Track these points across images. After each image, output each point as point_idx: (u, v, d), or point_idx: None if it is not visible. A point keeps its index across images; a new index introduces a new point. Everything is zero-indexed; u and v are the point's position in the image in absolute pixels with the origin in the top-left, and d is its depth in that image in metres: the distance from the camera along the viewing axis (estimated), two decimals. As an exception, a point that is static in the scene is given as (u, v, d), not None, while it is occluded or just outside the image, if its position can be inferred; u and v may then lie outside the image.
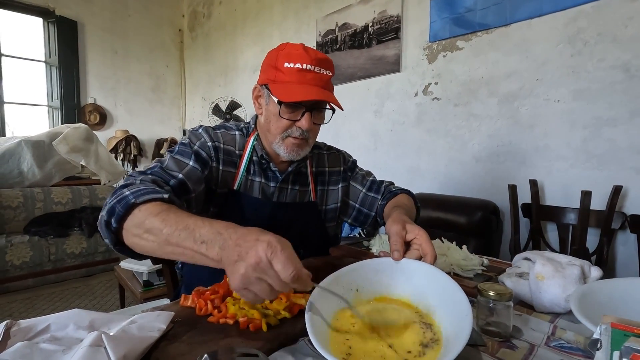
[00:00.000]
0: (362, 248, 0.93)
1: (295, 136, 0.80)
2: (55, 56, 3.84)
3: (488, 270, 0.76)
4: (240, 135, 0.88)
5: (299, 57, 0.75)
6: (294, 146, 0.81)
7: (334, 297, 0.49)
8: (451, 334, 0.40)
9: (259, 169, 0.87)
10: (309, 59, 0.75)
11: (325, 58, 0.79)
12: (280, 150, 0.82)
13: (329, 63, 0.79)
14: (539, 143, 1.86)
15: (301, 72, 0.75)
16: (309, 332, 0.40)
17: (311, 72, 0.76)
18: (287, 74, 0.76)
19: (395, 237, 0.58)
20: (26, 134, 3.06)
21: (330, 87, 0.81)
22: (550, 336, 0.51)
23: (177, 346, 0.45)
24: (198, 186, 0.76)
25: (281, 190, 0.90)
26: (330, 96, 0.77)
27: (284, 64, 0.76)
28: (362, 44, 2.62)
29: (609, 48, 1.63)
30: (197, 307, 0.55)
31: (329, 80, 0.79)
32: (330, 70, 0.79)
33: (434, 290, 0.48)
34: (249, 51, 3.75)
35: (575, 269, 0.57)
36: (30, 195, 2.82)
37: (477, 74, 2.07)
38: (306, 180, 0.94)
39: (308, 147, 0.84)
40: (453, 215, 2.05)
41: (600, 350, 0.28)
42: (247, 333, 0.49)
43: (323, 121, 0.84)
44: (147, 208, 0.56)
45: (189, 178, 0.74)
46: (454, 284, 0.45)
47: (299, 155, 0.83)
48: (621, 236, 1.65)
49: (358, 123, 2.74)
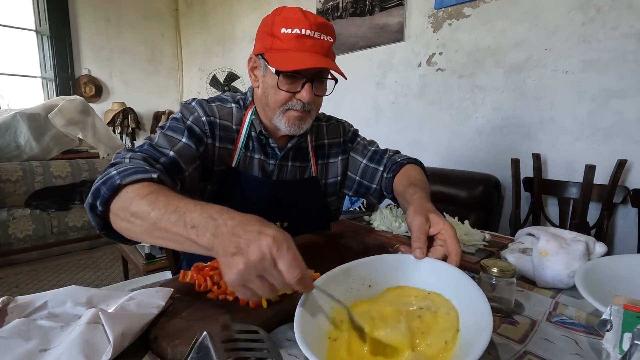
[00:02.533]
0: (363, 223, 0.92)
1: (297, 109, 0.74)
2: (46, 25, 3.70)
3: (490, 245, 0.75)
4: (237, 108, 0.83)
5: (297, 22, 0.69)
6: (296, 119, 0.75)
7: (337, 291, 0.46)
8: (467, 343, 0.38)
9: (258, 145, 0.82)
10: (308, 24, 0.69)
11: (326, 23, 0.73)
12: (281, 124, 0.77)
13: (329, 28, 0.73)
14: (544, 116, 1.82)
15: (300, 38, 0.69)
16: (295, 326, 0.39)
17: (311, 38, 0.69)
18: (284, 41, 0.70)
19: (418, 232, 0.52)
20: (21, 106, 3.00)
21: (331, 54, 0.75)
22: (552, 312, 0.51)
23: (176, 322, 0.45)
24: (191, 164, 0.72)
25: (281, 168, 0.86)
26: (333, 64, 0.71)
27: (280, 30, 0.70)
28: (365, 11, 2.51)
29: (623, 15, 1.56)
30: (197, 283, 0.55)
31: (330, 47, 0.73)
32: (331, 36, 0.73)
33: (456, 295, 0.45)
34: (246, 19, 3.61)
35: (579, 245, 0.56)
36: (30, 169, 2.81)
37: (483, 43, 1.99)
38: (307, 155, 0.90)
39: (311, 119, 0.79)
40: (454, 189, 2.04)
41: (610, 332, 0.27)
42: (247, 309, 0.49)
43: (325, 92, 0.78)
44: (134, 189, 0.52)
45: (181, 156, 0.70)
46: (479, 293, 0.41)
47: (301, 129, 0.78)
48: (622, 210, 1.65)
49: (359, 95, 2.68)
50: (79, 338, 0.38)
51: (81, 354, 0.36)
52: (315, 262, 0.65)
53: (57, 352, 0.38)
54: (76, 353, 0.36)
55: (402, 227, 0.82)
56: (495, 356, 0.41)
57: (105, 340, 0.39)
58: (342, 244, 0.75)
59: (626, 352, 0.24)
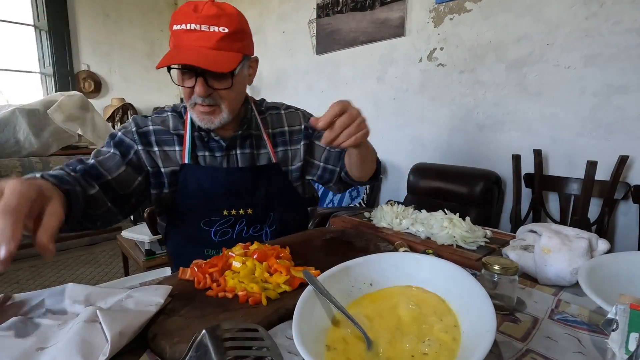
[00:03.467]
0: (363, 219, 0.92)
1: (200, 103, 0.76)
2: (44, 20, 3.67)
3: (491, 242, 0.75)
4: (173, 115, 0.88)
5: (185, 17, 0.70)
6: (203, 114, 0.78)
7: (337, 290, 0.46)
8: (469, 344, 0.37)
9: (201, 143, 0.86)
10: (196, 18, 0.69)
11: (220, 13, 0.71)
12: (195, 119, 0.80)
13: (224, 18, 0.71)
14: (545, 111, 1.81)
15: (186, 33, 0.70)
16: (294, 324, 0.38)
17: (197, 32, 0.70)
18: (174, 37, 0.72)
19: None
20: (20, 102, 2.99)
21: (225, 45, 0.72)
22: (554, 309, 0.50)
23: (175, 320, 0.44)
24: (116, 169, 0.78)
25: (229, 157, 0.88)
26: (203, 58, 0.69)
27: (173, 27, 0.72)
28: (365, 6, 2.48)
29: (626, 9, 1.54)
30: (196, 281, 0.54)
31: (223, 38, 0.71)
32: (227, 26, 0.71)
33: (459, 295, 0.44)
34: (246, 13, 3.51)
35: (582, 242, 0.56)
36: (29, 165, 2.80)
37: (485, 38, 1.97)
38: (260, 142, 0.90)
39: (225, 113, 0.79)
40: (454, 185, 2.03)
41: (616, 331, 0.26)
42: (246, 307, 0.48)
43: (229, 85, 0.76)
44: None
45: (102, 163, 0.77)
46: (482, 293, 0.40)
47: (212, 123, 0.79)
48: (623, 206, 1.65)
49: (360, 90, 2.66)
50: (76, 337, 0.38)
51: (78, 352, 0.36)
52: (316, 260, 0.65)
53: (54, 350, 0.37)
54: (73, 352, 0.36)
55: (403, 223, 0.82)
56: (497, 354, 0.40)
57: (102, 338, 0.38)
58: (342, 241, 0.75)
59: (633, 352, 0.24)
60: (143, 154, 0.82)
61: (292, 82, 3.20)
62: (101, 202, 0.73)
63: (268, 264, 0.55)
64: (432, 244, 0.73)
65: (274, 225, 0.88)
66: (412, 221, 0.81)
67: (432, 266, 0.50)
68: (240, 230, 0.85)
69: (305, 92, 3.09)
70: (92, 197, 0.71)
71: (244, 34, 0.77)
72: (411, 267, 0.51)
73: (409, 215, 0.85)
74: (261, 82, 3.47)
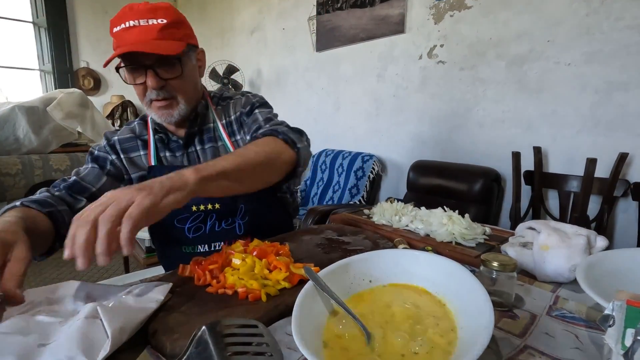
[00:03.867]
0: (362, 217, 0.92)
1: (156, 98, 0.77)
2: (43, 16, 3.66)
3: (490, 239, 0.75)
4: (139, 122, 0.91)
5: (122, 17, 0.72)
6: (160, 109, 0.79)
7: (337, 286, 0.46)
8: (467, 341, 0.37)
9: (162, 144, 0.88)
10: (132, 15, 0.72)
11: (155, 7, 0.73)
12: (155, 116, 0.82)
13: (160, 10, 0.73)
14: (545, 109, 1.80)
15: (126, 31, 0.72)
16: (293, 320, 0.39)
17: (136, 27, 0.72)
18: (116, 39, 0.74)
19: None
20: (20, 99, 2.99)
21: (166, 34, 0.74)
22: (552, 306, 0.50)
23: (175, 317, 0.45)
24: (97, 181, 0.83)
25: (189, 155, 0.89)
26: (146, 45, 0.71)
27: (113, 30, 0.74)
28: (365, 3, 2.48)
29: (627, 6, 1.54)
30: (196, 277, 0.55)
31: (163, 28, 0.73)
32: (165, 17, 0.73)
33: (457, 292, 0.44)
34: (245, 11, 3.57)
35: (581, 239, 0.56)
36: (29, 162, 2.80)
37: (485, 35, 1.97)
38: (217, 134, 0.90)
39: (183, 105, 0.81)
40: (454, 183, 2.04)
41: (612, 327, 0.27)
42: (246, 303, 0.48)
43: (179, 73, 0.77)
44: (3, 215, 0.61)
45: (84, 178, 0.81)
46: (481, 289, 0.40)
47: (172, 117, 0.80)
48: (622, 203, 1.65)
49: (359, 88, 2.66)
50: (76, 333, 0.38)
51: (79, 348, 0.36)
52: (315, 257, 0.65)
53: (55, 346, 0.38)
54: (74, 347, 0.36)
55: (403, 220, 0.82)
56: (495, 350, 0.41)
57: (103, 334, 0.39)
58: (341, 238, 0.75)
59: (629, 348, 0.24)
60: (118, 163, 0.87)
61: (292, 80, 3.19)
62: None
63: (267, 260, 0.56)
64: (431, 241, 0.73)
65: (246, 217, 0.86)
66: (411, 218, 0.81)
67: (430, 263, 0.50)
68: (213, 225, 0.85)
69: (305, 89, 3.09)
70: (81, 209, 0.73)
71: (182, 25, 0.79)
72: (410, 264, 0.51)
73: (409, 213, 0.85)
74: (261, 80, 3.47)
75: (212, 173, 0.55)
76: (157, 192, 0.47)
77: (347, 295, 0.48)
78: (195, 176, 0.52)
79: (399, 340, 0.39)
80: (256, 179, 0.66)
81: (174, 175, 0.52)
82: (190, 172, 0.53)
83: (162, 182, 0.49)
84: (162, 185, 0.49)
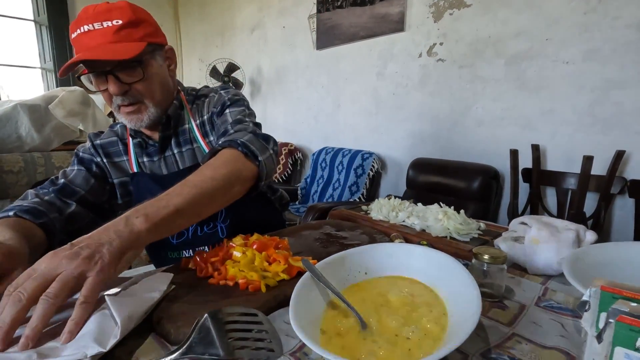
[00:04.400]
0: (360, 213, 0.94)
1: (122, 103, 0.75)
2: (44, 15, 3.67)
3: (484, 234, 0.77)
4: (122, 126, 0.90)
5: (79, 22, 0.70)
6: (129, 114, 0.76)
7: (334, 277, 0.48)
8: (456, 326, 0.39)
9: (139, 149, 0.87)
10: (86, 18, 0.69)
11: (109, 7, 0.70)
12: (125, 121, 0.79)
13: (115, 11, 0.70)
14: (544, 107, 1.82)
15: (83, 35, 0.69)
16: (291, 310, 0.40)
17: (92, 32, 0.69)
18: (75, 45, 0.71)
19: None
20: (21, 97, 3.01)
21: (123, 36, 0.70)
22: (541, 297, 0.52)
23: (179, 306, 0.47)
24: (87, 184, 0.82)
25: (167, 159, 0.86)
26: (100, 50, 0.68)
27: (72, 36, 0.71)
28: (365, 1, 2.49)
29: (625, 5, 1.55)
30: (198, 269, 0.57)
31: (118, 30, 0.70)
32: (120, 18, 0.70)
33: (448, 282, 0.46)
34: (246, 9, 3.57)
35: (570, 233, 0.58)
36: (31, 160, 2.83)
37: (484, 33, 1.98)
38: (194, 136, 0.87)
39: (152, 108, 0.77)
40: (453, 180, 2.05)
41: (588, 312, 0.29)
42: (246, 294, 0.50)
43: (141, 77, 0.73)
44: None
45: (72, 181, 0.81)
46: (470, 280, 0.42)
47: (141, 122, 0.78)
48: (619, 201, 1.66)
49: (359, 86, 2.67)
50: (88, 325, 0.40)
51: (91, 339, 0.38)
52: (313, 251, 0.67)
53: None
54: (87, 339, 0.38)
55: (400, 216, 0.84)
56: (483, 337, 0.42)
57: (112, 323, 0.40)
58: (339, 233, 0.77)
59: (601, 329, 0.26)
60: (102, 165, 0.86)
61: (292, 77, 3.21)
62: (82, 215, 0.79)
63: (267, 253, 0.58)
64: (427, 236, 0.75)
65: (227, 220, 0.84)
66: (408, 214, 0.83)
67: (424, 256, 0.52)
68: (195, 230, 0.84)
69: (306, 87, 3.10)
70: (71, 214, 0.76)
71: (142, 23, 0.75)
72: (404, 257, 0.53)
73: (405, 209, 0.87)
74: (261, 78, 3.48)
75: (164, 216, 0.51)
76: (109, 261, 0.43)
77: (343, 286, 0.50)
78: (146, 225, 0.48)
79: (393, 323, 0.41)
80: (214, 206, 0.62)
81: (122, 228, 0.47)
82: (140, 221, 0.48)
83: (111, 241, 0.45)
84: (112, 247, 0.44)
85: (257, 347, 0.40)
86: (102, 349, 0.37)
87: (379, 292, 0.49)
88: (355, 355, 0.38)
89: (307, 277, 0.47)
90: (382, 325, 0.42)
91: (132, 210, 0.51)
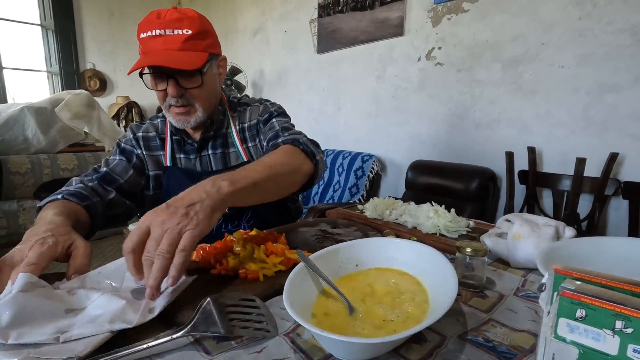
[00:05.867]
0: (356, 211, 0.98)
1: (175, 105, 0.81)
2: (50, 19, 3.75)
3: (473, 231, 0.80)
4: (162, 120, 0.95)
5: (150, 24, 0.75)
6: (178, 115, 0.83)
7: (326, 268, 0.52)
8: (436, 308, 0.43)
9: (177, 146, 0.92)
10: (159, 24, 0.74)
11: (181, 17, 0.76)
12: (172, 120, 0.85)
13: (186, 21, 0.75)
14: (539, 110, 1.85)
15: (152, 39, 0.75)
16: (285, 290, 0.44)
17: (162, 37, 0.74)
18: (142, 45, 0.77)
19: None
20: (27, 100, 3.07)
21: (190, 45, 0.76)
22: (520, 287, 0.56)
23: (183, 293, 0.51)
24: (126, 173, 0.88)
25: (202, 159, 0.92)
26: (169, 57, 0.74)
27: (140, 35, 0.77)
28: (365, 6, 2.53)
29: (618, 9, 1.58)
30: (201, 261, 0.61)
31: (187, 39, 0.75)
32: (190, 28, 0.75)
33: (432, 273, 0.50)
34: (248, 13, 3.64)
35: (550, 229, 0.61)
36: (37, 162, 2.89)
37: (481, 37, 2.02)
38: (229, 140, 0.93)
39: (200, 112, 0.84)
40: (450, 182, 2.09)
41: (544, 292, 0.32)
42: (245, 283, 0.54)
43: (199, 84, 0.80)
44: (45, 208, 0.68)
45: (113, 170, 0.87)
46: (451, 270, 0.46)
47: (188, 123, 0.84)
48: (614, 202, 1.69)
49: (359, 89, 2.72)
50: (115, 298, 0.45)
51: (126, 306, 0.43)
52: (309, 245, 0.71)
53: (99, 301, 0.44)
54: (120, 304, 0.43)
55: (393, 214, 0.88)
56: (462, 322, 0.46)
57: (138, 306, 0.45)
58: (334, 230, 0.81)
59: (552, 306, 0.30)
60: (142, 157, 0.91)
61: (294, 80, 3.26)
62: (120, 203, 0.85)
63: (265, 247, 0.62)
64: (418, 233, 0.79)
65: (251, 220, 0.90)
66: (400, 212, 0.87)
67: (411, 249, 0.56)
68: (219, 226, 0.90)
69: (307, 90, 3.15)
70: (111, 200, 0.82)
71: (207, 34, 0.80)
72: (393, 251, 0.57)
73: (398, 207, 0.90)
74: (263, 80, 3.53)
75: (245, 185, 0.55)
76: (203, 217, 0.48)
77: (335, 276, 0.54)
78: (231, 189, 0.53)
79: (380, 310, 0.45)
80: (279, 190, 0.68)
81: (209, 188, 0.52)
82: (225, 184, 0.53)
83: (202, 200, 0.50)
84: (203, 204, 0.49)
85: (255, 328, 0.43)
86: (128, 325, 0.41)
87: (368, 283, 0.53)
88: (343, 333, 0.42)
89: (301, 267, 0.51)
90: (368, 311, 0.46)
91: (216, 176, 0.55)
